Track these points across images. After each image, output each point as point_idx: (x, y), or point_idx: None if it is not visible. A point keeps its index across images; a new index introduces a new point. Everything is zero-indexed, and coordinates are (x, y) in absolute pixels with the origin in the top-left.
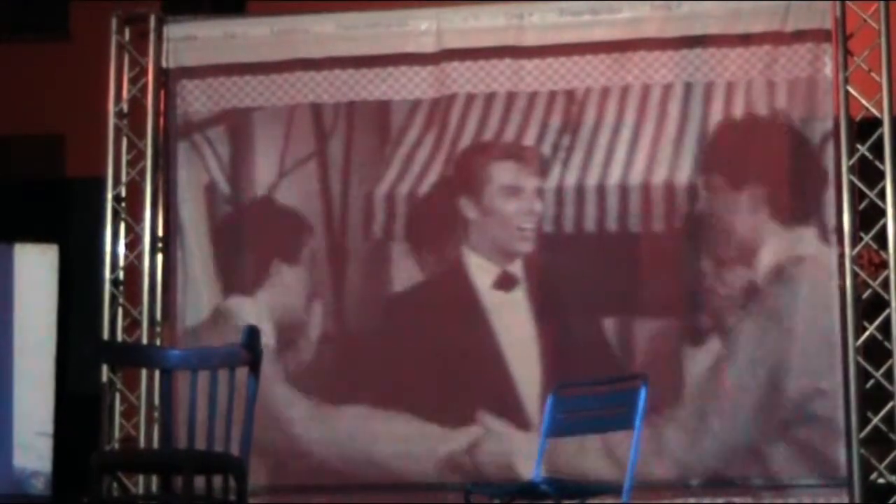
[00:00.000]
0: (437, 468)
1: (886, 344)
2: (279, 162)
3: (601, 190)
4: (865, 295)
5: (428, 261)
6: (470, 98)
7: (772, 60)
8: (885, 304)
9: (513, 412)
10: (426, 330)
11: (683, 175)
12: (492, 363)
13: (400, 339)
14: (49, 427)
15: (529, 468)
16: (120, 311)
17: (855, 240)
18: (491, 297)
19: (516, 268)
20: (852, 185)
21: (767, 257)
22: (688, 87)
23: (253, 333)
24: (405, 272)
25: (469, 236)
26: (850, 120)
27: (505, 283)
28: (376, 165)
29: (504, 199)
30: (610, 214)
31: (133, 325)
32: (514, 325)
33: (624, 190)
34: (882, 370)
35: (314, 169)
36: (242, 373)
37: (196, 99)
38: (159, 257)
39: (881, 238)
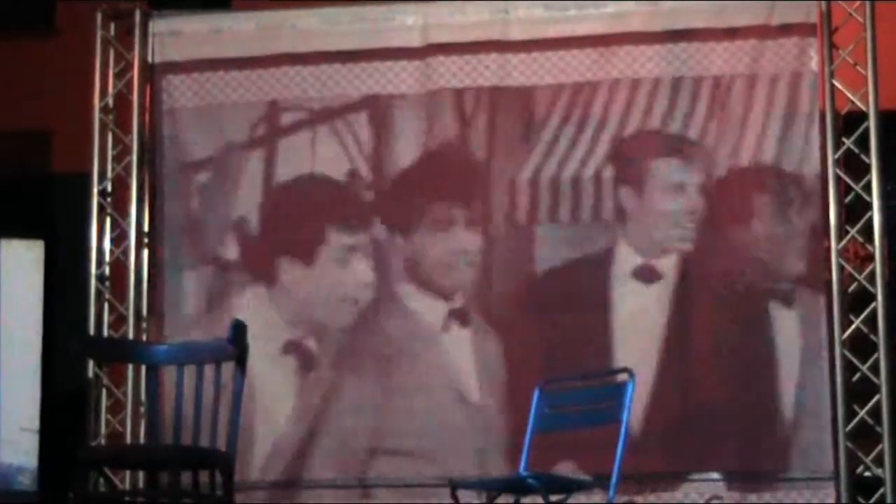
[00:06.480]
0: None
1: (872, 337)
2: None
3: (591, 182)
4: (851, 288)
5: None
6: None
7: (758, 54)
8: (872, 297)
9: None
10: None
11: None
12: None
13: (536, 325)
14: (35, 423)
15: None
16: (106, 306)
17: (841, 233)
18: None
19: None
20: (838, 179)
21: (753, 250)
22: (674, 81)
23: (239, 328)
24: None
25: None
26: (835, 113)
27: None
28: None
29: (665, 195)
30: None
31: (119, 320)
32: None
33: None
34: (868, 363)
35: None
36: (229, 368)
37: (182, 94)
38: (145, 252)
39: (867, 231)
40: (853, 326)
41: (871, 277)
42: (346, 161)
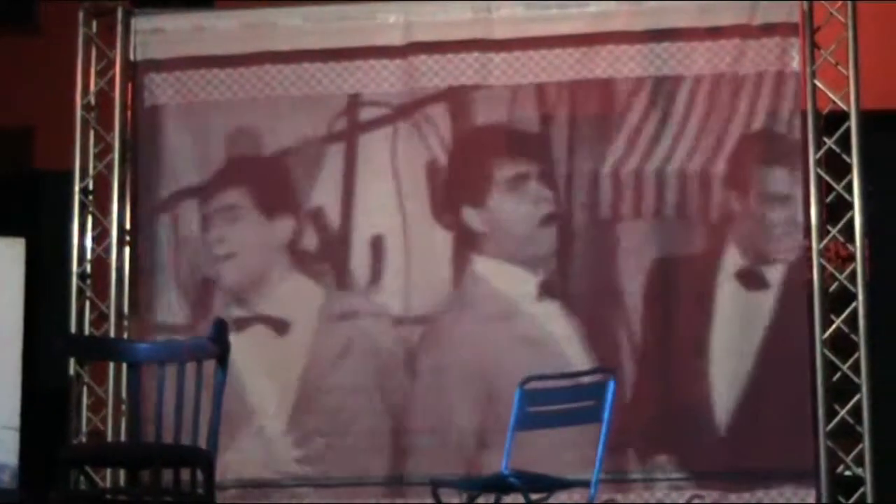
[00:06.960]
0: None
1: (853, 337)
2: None
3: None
4: (832, 288)
5: None
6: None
7: (740, 54)
8: (852, 297)
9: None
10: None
11: (652, 166)
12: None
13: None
14: (16, 421)
15: None
16: (87, 304)
17: (822, 233)
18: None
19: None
20: (819, 179)
21: (737, 248)
22: (656, 81)
23: (220, 326)
24: None
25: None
26: (817, 113)
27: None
28: None
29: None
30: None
31: (101, 318)
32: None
33: (595, 180)
34: (849, 363)
35: None
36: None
37: (164, 92)
38: (127, 250)
39: (848, 231)
40: (834, 326)
41: (852, 277)
42: (425, 153)
